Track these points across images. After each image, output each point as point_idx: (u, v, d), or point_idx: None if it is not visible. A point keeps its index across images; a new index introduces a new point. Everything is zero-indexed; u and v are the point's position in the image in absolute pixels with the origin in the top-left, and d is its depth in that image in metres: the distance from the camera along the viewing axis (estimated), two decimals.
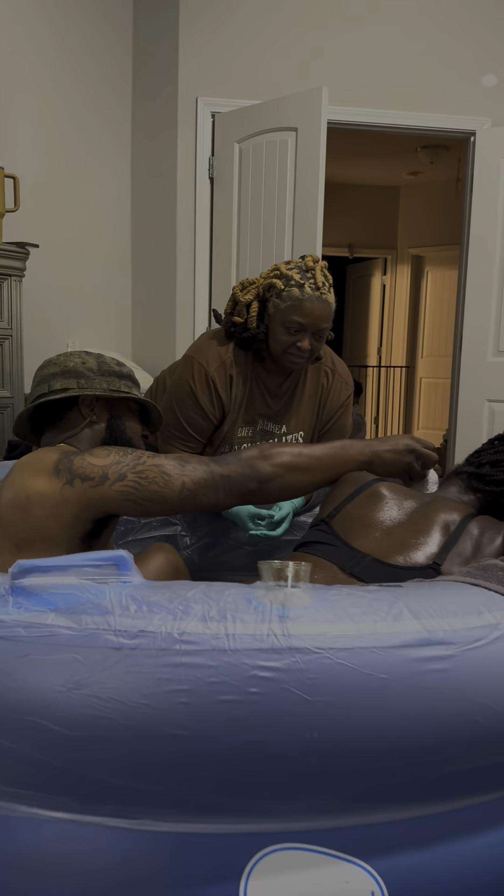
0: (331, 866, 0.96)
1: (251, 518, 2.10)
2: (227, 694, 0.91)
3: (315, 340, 2.10)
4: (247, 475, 1.49)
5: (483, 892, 1.01)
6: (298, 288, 2.03)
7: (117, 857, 0.96)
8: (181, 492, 1.43)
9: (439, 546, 1.55)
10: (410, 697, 0.93)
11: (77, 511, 1.40)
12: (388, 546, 1.59)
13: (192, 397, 2.17)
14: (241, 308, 2.16)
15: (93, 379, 1.64)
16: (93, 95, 4.18)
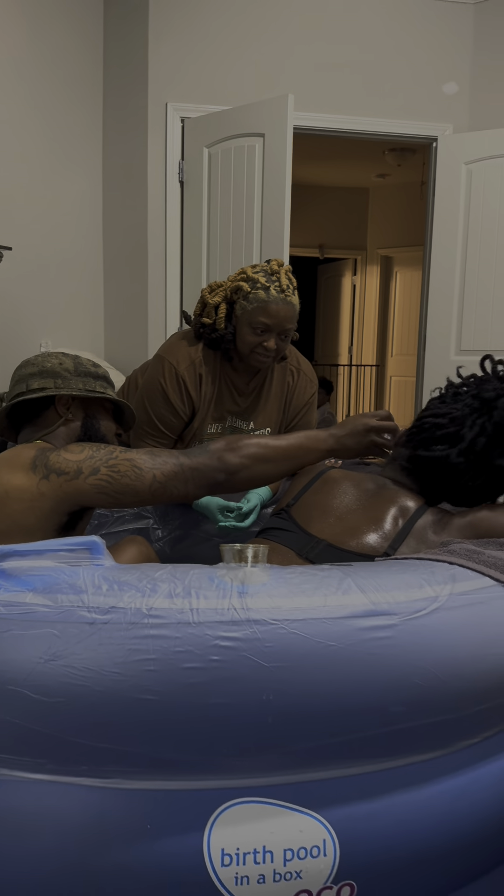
0: (286, 817, 1.06)
1: (220, 510, 2.19)
2: (191, 662, 1.00)
3: (280, 340, 2.20)
4: (215, 467, 1.55)
5: (422, 839, 1.11)
6: (264, 290, 2.12)
7: (92, 814, 1.05)
8: (152, 484, 1.50)
9: (392, 534, 1.65)
10: (357, 663, 1.03)
11: (53, 504, 1.47)
12: (341, 531, 1.69)
13: (163, 395, 2.26)
14: (210, 310, 2.25)
15: (69, 379, 1.71)
16: (63, 101, 4.25)
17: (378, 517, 1.69)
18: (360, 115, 4.46)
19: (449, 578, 1.17)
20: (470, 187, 4.43)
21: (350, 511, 1.73)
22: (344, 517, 1.73)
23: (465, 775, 1.16)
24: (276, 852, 1.04)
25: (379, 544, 1.63)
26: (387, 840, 1.09)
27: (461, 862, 1.17)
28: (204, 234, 4.34)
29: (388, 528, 1.66)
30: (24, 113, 3.98)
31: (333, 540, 1.66)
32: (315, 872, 1.05)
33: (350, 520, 1.71)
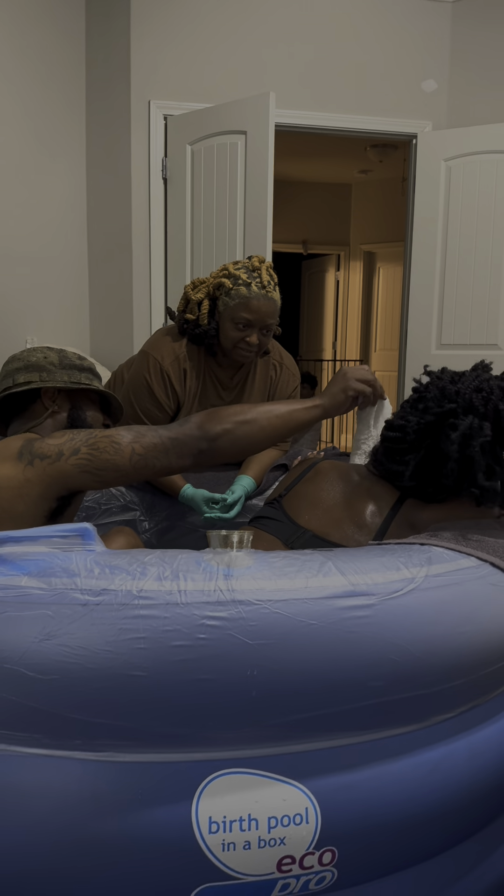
0: (270, 787, 1.12)
1: (206, 502, 2.25)
2: (179, 640, 1.06)
3: (262, 335, 2.25)
4: (195, 435, 1.55)
5: (398, 808, 1.17)
6: (246, 287, 2.18)
7: (85, 785, 1.10)
8: (132, 457, 1.52)
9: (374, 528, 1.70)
10: (336, 640, 1.09)
11: (40, 490, 1.51)
12: (327, 523, 1.74)
13: (148, 390, 2.31)
14: (193, 306, 2.30)
15: (54, 372, 1.75)
16: (46, 99, 4.27)
17: (360, 510, 1.74)
18: (341, 112, 4.52)
19: (425, 561, 1.23)
20: (449, 184, 4.49)
21: (336, 503, 1.78)
22: (330, 509, 1.78)
23: (440, 748, 1.23)
24: (261, 820, 1.10)
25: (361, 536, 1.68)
26: (365, 809, 1.15)
27: (436, 831, 1.23)
28: (187, 230, 4.39)
29: (368, 521, 1.71)
30: (6, 111, 4.00)
31: (318, 531, 1.72)
32: (298, 839, 1.11)
33: (335, 512, 1.76)
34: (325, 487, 1.83)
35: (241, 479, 2.33)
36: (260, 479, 2.40)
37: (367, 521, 1.71)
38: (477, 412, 1.55)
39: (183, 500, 2.31)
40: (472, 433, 1.53)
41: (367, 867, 1.20)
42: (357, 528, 1.71)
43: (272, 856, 1.10)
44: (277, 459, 2.47)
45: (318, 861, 1.13)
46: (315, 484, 1.86)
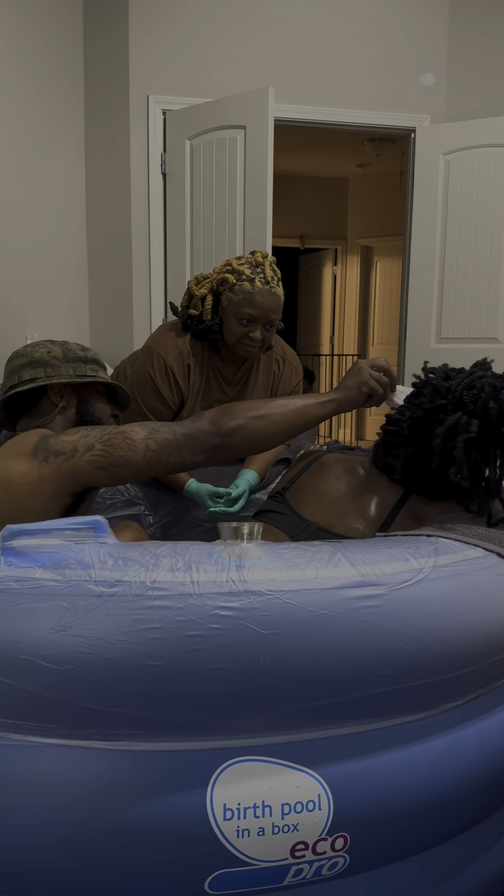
0: (283, 774, 1.14)
1: (210, 496, 2.27)
2: (193, 630, 1.08)
3: (266, 331, 2.26)
4: (209, 431, 1.54)
5: (409, 794, 1.19)
6: (249, 282, 2.19)
7: (102, 774, 1.12)
8: (146, 453, 1.52)
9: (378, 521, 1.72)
10: (347, 629, 1.11)
11: (55, 486, 1.52)
12: (332, 516, 1.76)
13: (152, 385, 2.32)
14: (197, 301, 2.31)
15: (59, 367, 1.74)
16: (44, 94, 4.27)
17: (365, 503, 1.76)
18: (339, 106, 4.53)
19: (433, 552, 1.25)
20: (448, 177, 4.50)
21: (340, 496, 1.80)
22: (335, 502, 1.80)
23: (449, 736, 1.25)
24: (275, 807, 1.12)
25: (366, 528, 1.70)
26: (377, 795, 1.17)
27: (446, 817, 1.26)
28: (187, 225, 4.39)
29: (373, 514, 1.73)
30: (4, 107, 4.00)
31: (323, 524, 1.73)
32: (311, 825, 1.13)
33: (340, 505, 1.78)
34: (330, 481, 1.85)
35: (244, 474, 2.35)
36: (263, 473, 2.42)
37: (373, 515, 1.73)
38: (465, 409, 1.56)
39: (188, 495, 2.32)
40: (458, 429, 1.54)
41: (379, 853, 1.22)
42: (362, 520, 1.73)
43: (286, 842, 1.12)
44: (280, 454, 2.49)
45: (331, 847, 1.15)
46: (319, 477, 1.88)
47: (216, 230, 4.26)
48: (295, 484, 1.91)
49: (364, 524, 1.72)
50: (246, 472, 2.35)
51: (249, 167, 4.08)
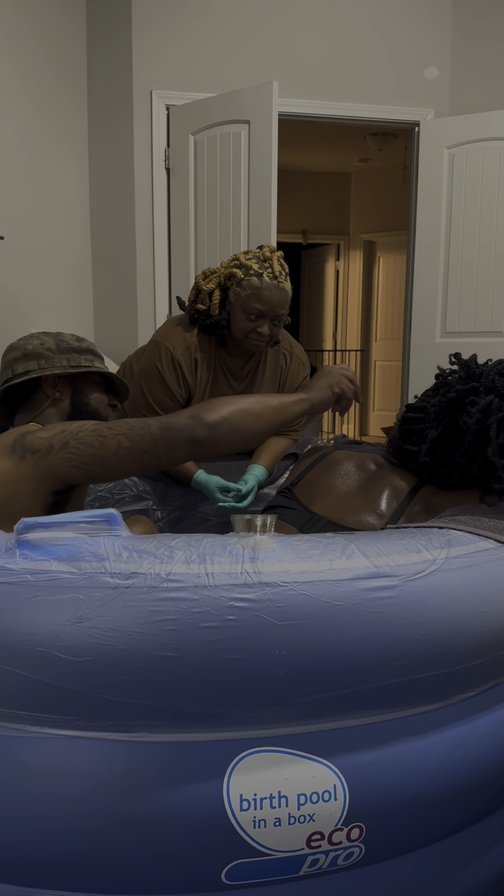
0: (299, 765, 1.14)
1: (219, 490, 2.27)
2: (208, 621, 1.08)
3: (274, 325, 2.27)
4: (190, 424, 1.48)
5: (424, 784, 1.19)
6: (257, 277, 2.19)
7: (119, 766, 1.13)
8: (117, 450, 1.47)
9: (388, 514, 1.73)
10: (361, 620, 1.11)
11: (33, 485, 1.46)
12: (342, 509, 1.77)
13: (160, 379, 2.32)
14: (204, 296, 2.32)
15: (52, 358, 1.71)
16: (48, 90, 4.27)
17: (375, 496, 1.77)
18: (343, 100, 4.52)
19: (445, 543, 1.25)
20: (452, 171, 4.50)
21: (350, 490, 1.81)
22: (344, 496, 1.81)
23: (463, 726, 1.25)
24: (291, 797, 1.12)
25: (377, 522, 1.71)
26: (392, 785, 1.18)
27: (461, 806, 1.26)
28: (191, 220, 4.40)
29: (384, 508, 1.74)
30: (8, 104, 4.01)
31: (333, 518, 1.74)
32: (327, 815, 1.14)
33: (350, 499, 1.79)
34: (340, 475, 1.86)
35: (253, 469, 2.36)
36: (271, 468, 2.42)
37: (383, 508, 1.74)
38: (498, 392, 1.64)
39: (196, 486, 2.33)
40: (491, 410, 1.62)
41: (395, 843, 1.22)
42: (372, 514, 1.73)
43: (302, 832, 1.13)
44: (287, 448, 2.49)
45: (347, 837, 1.16)
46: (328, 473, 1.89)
47: (220, 225, 4.26)
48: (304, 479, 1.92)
49: (374, 517, 1.73)
50: (254, 468, 2.36)
51: (253, 162, 4.08)
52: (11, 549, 1.17)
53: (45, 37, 4.22)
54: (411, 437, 1.81)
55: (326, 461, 1.91)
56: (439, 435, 1.73)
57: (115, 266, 4.63)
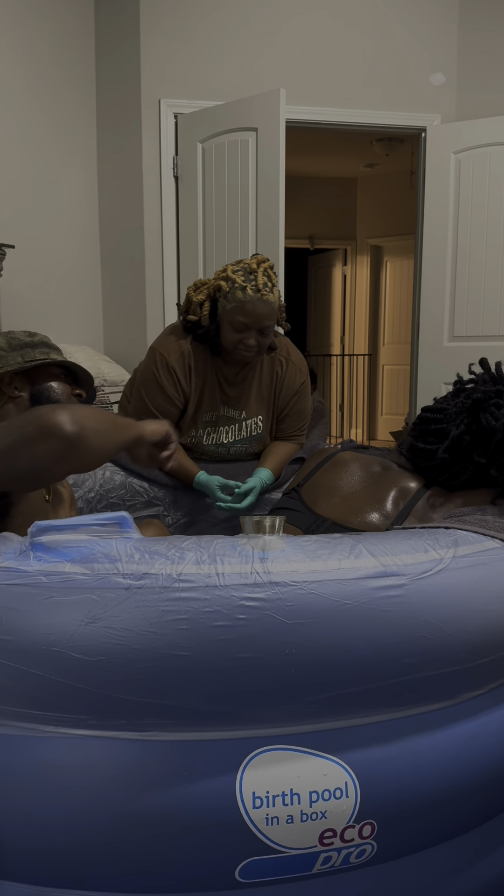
0: (310, 762, 1.16)
1: (220, 487, 2.31)
2: (220, 620, 1.10)
3: (261, 337, 2.28)
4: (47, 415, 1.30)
5: (434, 781, 1.21)
6: (241, 290, 2.21)
7: (132, 764, 1.15)
8: None
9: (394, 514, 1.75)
10: (370, 619, 1.13)
11: None
12: (346, 511, 1.79)
13: (157, 385, 2.36)
14: (195, 307, 2.35)
15: (5, 356, 1.69)
16: (57, 99, 4.31)
17: (381, 498, 1.78)
18: (350, 107, 4.54)
19: (452, 543, 1.26)
20: (459, 176, 4.52)
21: (355, 492, 1.83)
22: (349, 498, 1.82)
23: (472, 723, 1.27)
24: (303, 795, 1.14)
25: (381, 523, 1.73)
26: (403, 782, 1.19)
27: (472, 803, 1.27)
28: (199, 227, 4.42)
29: (389, 509, 1.76)
30: (19, 114, 4.05)
31: (338, 519, 1.76)
32: (338, 813, 1.15)
33: (354, 500, 1.81)
34: (345, 477, 1.88)
35: (258, 472, 2.38)
36: (278, 471, 2.45)
37: (389, 509, 1.76)
38: None
39: (197, 486, 2.37)
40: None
41: (406, 840, 1.23)
42: (378, 515, 1.75)
43: (314, 829, 1.14)
44: (294, 453, 2.51)
45: (359, 834, 1.17)
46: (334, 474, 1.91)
47: (228, 232, 4.28)
48: (310, 481, 1.94)
49: (380, 518, 1.74)
50: (260, 471, 2.39)
51: (261, 169, 4.11)
52: (25, 551, 1.18)
53: (54, 47, 4.26)
54: (428, 436, 1.84)
55: (332, 462, 1.93)
56: (460, 434, 1.77)
57: (124, 273, 4.66)
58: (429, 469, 1.83)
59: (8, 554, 1.18)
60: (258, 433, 2.50)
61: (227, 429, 2.47)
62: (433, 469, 1.82)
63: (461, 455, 1.78)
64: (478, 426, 1.77)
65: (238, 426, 2.48)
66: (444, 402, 1.88)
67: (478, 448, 1.76)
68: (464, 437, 1.77)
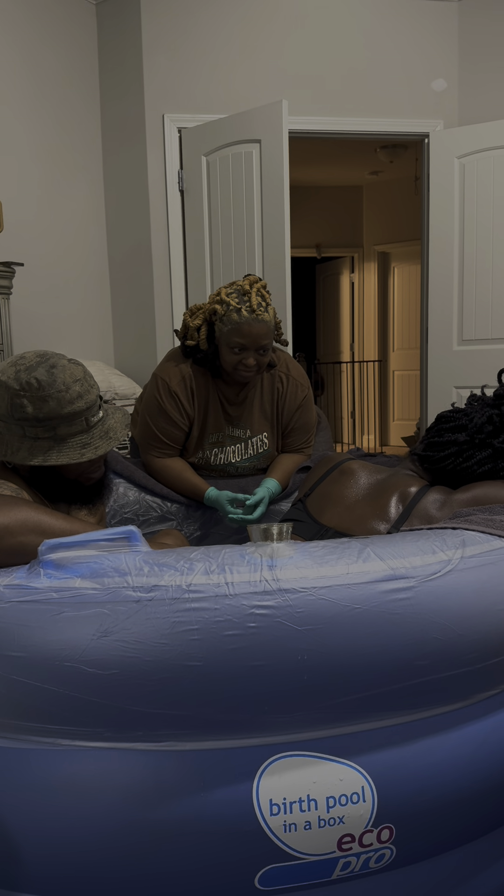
0: (326, 768, 1.16)
1: (230, 502, 2.32)
2: (231, 629, 1.10)
3: (259, 356, 2.30)
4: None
5: (451, 783, 1.20)
6: (236, 313, 2.22)
7: (149, 775, 1.15)
8: None
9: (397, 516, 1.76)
10: (380, 622, 1.13)
11: None
12: (350, 520, 1.80)
13: (161, 410, 2.39)
14: (192, 332, 2.37)
15: (30, 428, 1.55)
16: (61, 118, 4.36)
17: (382, 504, 1.80)
18: (353, 115, 4.56)
19: (459, 544, 1.27)
20: (463, 180, 4.52)
21: (359, 500, 1.84)
22: (353, 507, 1.84)
23: (486, 723, 1.26)
24: (320, 800, 1.14)
25: (385, 529, 1.74)
26: (420, 785, 1.19)
27: (490, 803, 1.27)
28: (206, 240, 4.45)
29: (391, 513, 1.77)
30: (24, 131, 4.09)
31: (342, 528, 1.78)
32: (356, 817, 1.15)
33: (358, 509, 1.82)
34: (350, 485, 1.90)
35: (266, 482, 2.40)
36: (285, 481, 2.46)
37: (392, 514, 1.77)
38: None
39: (208, 503, 2.39)
40: None
41: (425, 844, 1.23)
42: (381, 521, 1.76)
43: (332, 835, 1.14)
44: (302, 462, 2.53)
45: (377, 838, 1.17)
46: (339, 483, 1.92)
47: (235, 244, 4.30)
48: (315, 491, 1.96)
49: (383, 525, 1.75)
50: (267, 481, 2.40)
51: (265, 180, 4.13)
52: (36, 569, 1.20)
53: (57, 65, 4.30)
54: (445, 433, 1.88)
55: (339, 471, 1.94)
56: (484, 422, 1.84)
57: (132, 287, 4.69)
58: (443, 460, 1.86)
59: (18, 572, 1.19)
60: (265, 450, 2.52)
61: (234, 448, 2.49)
62: (448, 459, 1.85)
63: (482, 442, 1.81)
64: (501, 418, 1.84)
65: (244, 445, 2.50)
66: (470, 404, 1.96)
67: (501, 434, 1.83)
68: (486, 426, 1.83)
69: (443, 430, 1.90)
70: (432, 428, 1.95)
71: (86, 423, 1.59)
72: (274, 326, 2.30)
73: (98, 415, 1.63)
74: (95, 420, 1.61)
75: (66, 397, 1.53)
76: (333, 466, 1.97)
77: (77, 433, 1.58)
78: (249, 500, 2.30)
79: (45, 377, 1.52)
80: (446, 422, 1.92)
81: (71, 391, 1.54)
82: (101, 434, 1.62)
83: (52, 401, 1.52)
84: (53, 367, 1.54)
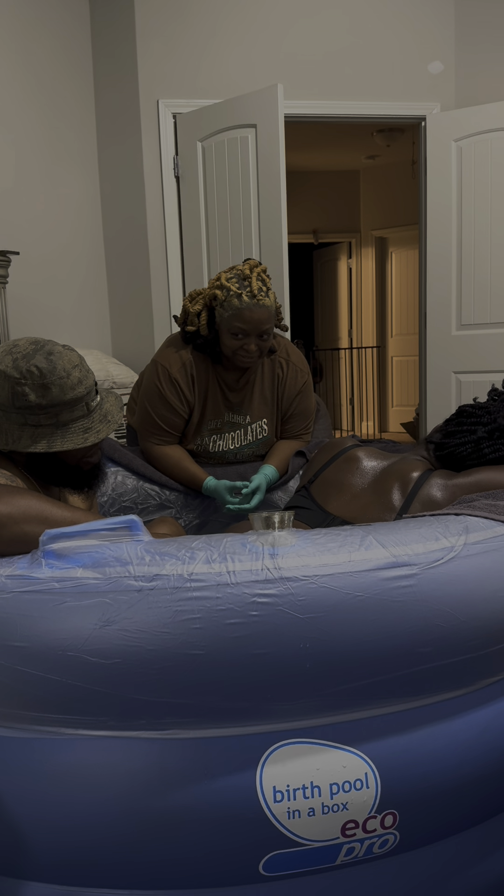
0: (329, 754, 1.17)
1: (228, 491, 2.32)
2: (233, 618, 1.10)
3: (261, 341, 2.29)
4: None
5: (454, 769, 1.21)
6: (237, 298, 2.21)
7: (153, 763, 1.16)
8: None
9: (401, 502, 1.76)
10: (383, 610, 1.13)
11: None
12: (355, 508, 1.80)
13: (160, 396, 2.38)
14: (193, 318, 2.36)
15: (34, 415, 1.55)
16: (55, 104, 4.32)
17: (385, 490, 1.80)
18: (349, 99, 4.53)
19: (462, 530, 1.27)
20: (461, 163, 4.50)
21: (363, 488, 1.84)
22: (358, 494, 1.84)
23: (489, 710, 1.27)
24: (323, 787, 1.14)
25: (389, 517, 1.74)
26: (422, 771, 1.19)
27: (493, 788, 1.27)
28: (202, 226, 4.43)
29: (395, 499, 1.77)
30: (17, 119, 4.06)
31: (347, 517, 1.78)
32: (360, 804, 1.16)
33: (363, 497, 1.82)
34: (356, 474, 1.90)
35: (263, 469, 2.40)
36: (283, 468, 2.46)
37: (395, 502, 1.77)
38: None
39: (206, 493, 2.39)
40: None
41: (429, 829, 1.24)
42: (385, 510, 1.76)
43: (336, 821, 1.15)
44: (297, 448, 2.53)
45: (381, 824, 1.17)
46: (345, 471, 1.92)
47: (231, 230, 4.28)
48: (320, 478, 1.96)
49: (387, 513, 1.75)
50: (265, 467, 2.40)
51: (262, 165, 4.11)
52: (37, 558, 1.19)
53: (50, 52, 4.27)
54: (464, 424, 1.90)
55: (344, 459, 1.93)
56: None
57: (129, 275, 4.67)
58: (458, 447, 1.87)
59: (20, 562, 1.19)
60: (264, 436, 2.51)
61: (233, 434, 2.49)
62: (463, 453, 1.85)
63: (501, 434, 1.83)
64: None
65: (243, 431, 2.49)
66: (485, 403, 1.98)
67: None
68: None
69: (463, 422, 1.90)
70: (452, 420, 1.95)
71: (86, 408, 1.60)
72: (275, 311, 2.29)
73: (96, 399, 1.64)
74: (94, 404, 1.62)
75: (67, 383, 1.53)
76: (338, 453, 1.97)
77: (78, 418, 1.58)
78: (246, 488, 2.30)
79: (44, 364, 1.51)
80: (468, 416, 1.92)
81: (72, 377, 1.54)
82: (100, 418, 1.63)
83: (55, 388, 1.52)
84: (50, 353, 1.54)
